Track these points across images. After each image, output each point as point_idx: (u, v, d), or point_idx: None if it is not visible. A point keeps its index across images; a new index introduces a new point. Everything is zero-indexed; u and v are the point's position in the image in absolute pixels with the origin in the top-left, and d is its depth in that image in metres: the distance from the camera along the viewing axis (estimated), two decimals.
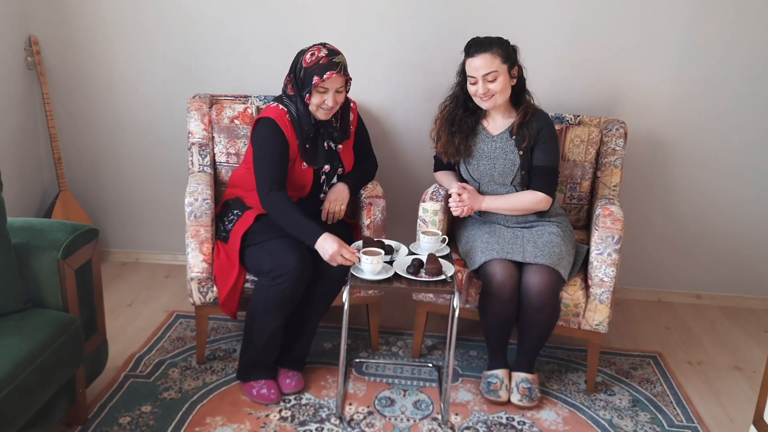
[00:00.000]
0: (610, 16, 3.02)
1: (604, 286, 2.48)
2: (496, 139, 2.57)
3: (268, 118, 2.45)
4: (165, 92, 3.26)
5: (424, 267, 2.28)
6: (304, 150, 2.48)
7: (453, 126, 2.60)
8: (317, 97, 2.40)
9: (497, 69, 2.44)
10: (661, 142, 3.18)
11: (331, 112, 2.47)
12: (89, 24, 3.20)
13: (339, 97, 2.44)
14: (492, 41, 2.47)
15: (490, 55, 2.43)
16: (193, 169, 2.84)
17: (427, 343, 2.87)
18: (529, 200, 2.53)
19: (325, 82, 2.37)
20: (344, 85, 2.44)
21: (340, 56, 2.41)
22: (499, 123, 2.59)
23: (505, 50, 2.45)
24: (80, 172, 3.43)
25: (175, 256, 3.52)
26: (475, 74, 2.46)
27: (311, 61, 2.39)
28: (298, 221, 2.37)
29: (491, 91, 2.46)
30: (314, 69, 2.37)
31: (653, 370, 2.80)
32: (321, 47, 2.41)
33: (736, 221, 3.29)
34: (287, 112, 2.46)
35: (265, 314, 2.37)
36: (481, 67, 2.44)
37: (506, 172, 2.56)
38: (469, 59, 2.48)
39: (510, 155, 2.55)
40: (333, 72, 2.36)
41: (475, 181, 2.63)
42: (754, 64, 3.05)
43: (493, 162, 2.56)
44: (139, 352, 2.70)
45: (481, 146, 2.59)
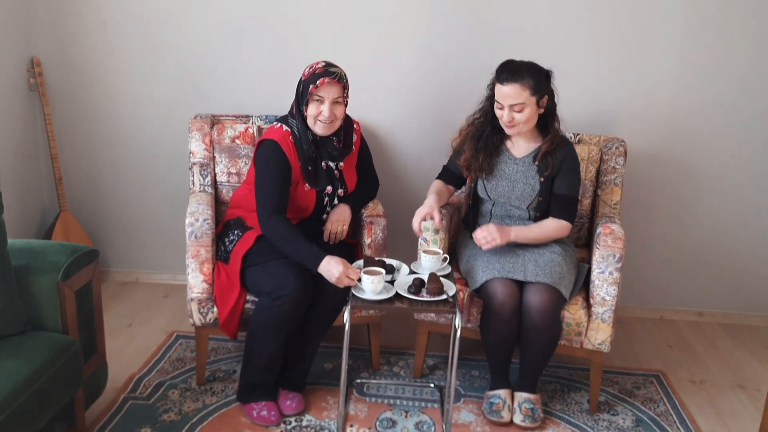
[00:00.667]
0: (609, 35, 3.04)
1: (606, 305, 2.47)
2: (518, 162, 2.54)
3: (271, 141, 2.44)
4: (166, 113, 3.27)
5: (426, 286, 2.27)
6: (306, 172, 2.48)
7: (479, 142, 2.56)
8: (313, 107, 2.40)
9: (525, 101, 2.39)
10: (661, 160, 3.18)
11: (331, 127, 2.45)
12: (91, 45, 3.21)
13: (337, 109, 2.42)
14: (524, 70, 2.39)
15: (520, 86, 2.37)
16: (194, 189, 2.84)
17: (428, 363, 2.85)
18: (553, 228, 2.51)
19: (319, 89, 2.37)
20: (342, 95, 2.43)
21: (338, 68, 2.43)
22: (522, 147, 2.56)
23: (536, 81, 2.38)
24: (81, 192, 3.43)
25: (174, 275, 3.51)
26: (502, 102, 2.42)
27: (308, 73, 2.42)
28: (300, 246, 2.36)
29: (516, 120, 2.42)
30: (310, 79, 2.40)
31: (656, 389, 2.78)
32: (320, 61, 2.44)
33: (736, 238, 3.29)
34: (290, 133, 2.46)
35: (265, 335, 2.36)
36: (509, 96, 2.39)
37: (524, 196, 2.53)
38: (499, 85, 2.42)
39: (530, 180, 2.52)
40: (326, 78, 2.37)
41: (490, 200, 2.61)
42: (752, 82, 3.07)
43: (513, 185, 2.54)
44: (139, 374, 2.68)
45: (503, 167, 2.56)
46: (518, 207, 2.56)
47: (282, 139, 2.44)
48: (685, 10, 2.99)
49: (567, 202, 2.52)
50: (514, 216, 2.57)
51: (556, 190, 2.51)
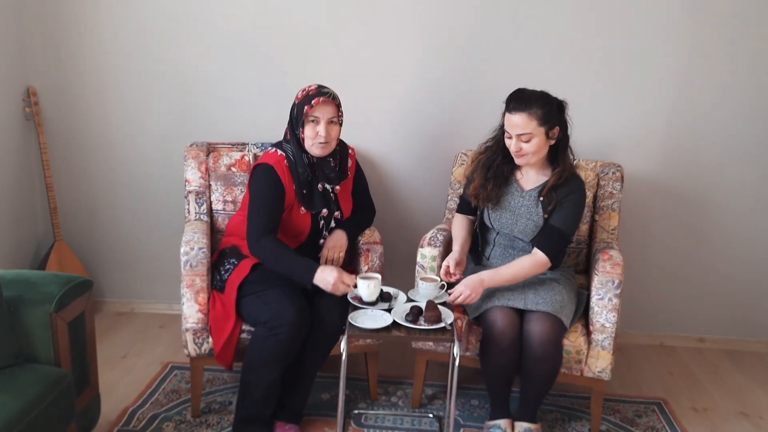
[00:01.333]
0: (604, 60, 3.06)
1: (606, 331, 2.44)
2: (525, 195, 2.50)
3: (266, 164, 2.44)
4: (162, 141, 3.26)
5: (423, 314, 2.25)
6: (301, 195, 2.47)
7: (489, 172, 2.51)
8: (310, 128, 2.41)
9: (532, 131, 2.34)
10: (658, 185, 3.18)
11: (327, 148, 2.45)
12: (87, 75, 3.22)
13: (332, 129, 2.43)
14: (533, 99, 2.34)
15: (527, 115, 2.32)
16: (189, 217, 2.83)
17: (427, 393, 2.81)
18: (530, 265, 2.40)
19: (314, 109, 2.38)
20: (336, 116, 2.44)
21: (330, 89, 2.44)
22: (531, 178, 2.50)
23: (546, 111, 2.33)
24: (76, 221, 3.41)
25: (170, 305, 3.48)
26: (510, 131, 2.38)
27: (302, 96, 2.43)
28: (292, 262, 2.35)
29: (524, 150, 2.37)
30: (303, 101, 2.40)
31: (658, 417, 2.74)
32: (312, 85, 2.46)
33: (737, 263, 3.27)
34: (285, 157, 2.46)
35: (262, 366, 2.32)
36: (516, 126, 2.34)
37: (527, 231, 2.48)
38: (507, 114, 2.38)
39: (534, 216, 2.46)
40: (321, 98, 2.38)
41: (494, 230, 2.58)
42: (748, 107, 3.08)
43: (517, 218, 2.49)
44: (133, 406, 2.63)
45: (509, 199, 2.51)
46: (521, 239, 2.52)
47: (276, 163, 2.44)
48: (681, 35, 3.01)
49: (555, 236, 2.41)
50: (517, 247, 2.53)
51: (550, 221, 2.44)
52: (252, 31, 3.12)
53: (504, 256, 2.55)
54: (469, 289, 2.33)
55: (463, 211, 2.70)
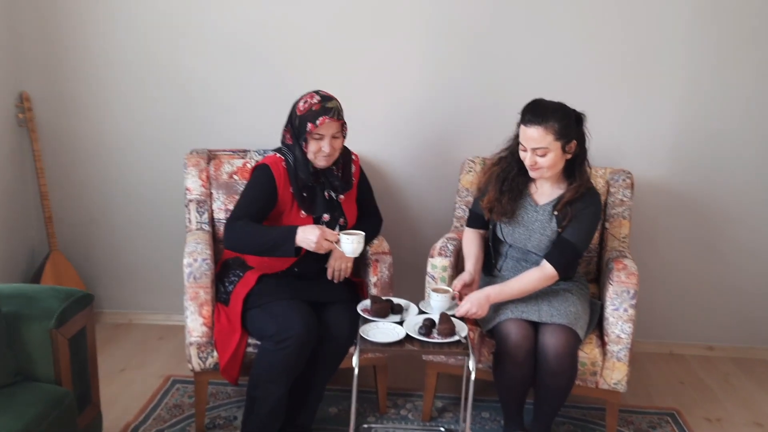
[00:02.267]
0: (612, 66, 3.02)
1: (621, 342, 2.39)
2: (539, 210, 2.41)
3: (263, 164, 2.41)
4: (160, 148, 3.18)
5: (437, 327, 2.18)
6: (301, 198, 2.40)
7: (504, 185, 2.42)
8: (314, 144, 2.35)
9: (548, 146, 2.25)
10: (667, 192, 3.14)
11: (331, 159, 2.40)
12: (82, 80, 3.13)
13: (336, 142, 2.37)
14: (550, 112, 2.25)
15: (543, 129, 2.23)
16: (190, 227, 2.75)
17: (437, 405, 2.74)
18: (537, 279, 2.32)
19: (319, 128, 2.31)
20: (340, 130, 2.38)
21: (334, 101, 2.36)
22: (546, 192, 2.43)
23: (563, 125, 2.24)
24: (71, 231, 3.32)
25: (168, 316, 3.39)
26: (525, 144, 2.29)
27: (304, 108, 2.34)
28: (268, 232, 2.28)
29: (539, 164, 2.29)
30: (307, 116, 2.32)
31: (672, 428, 2.69)
32: (314, 94, 2.37)
33: (745, 270, 3.24)
34: (284, 160, 2.41)
35: (269, 381, 2.24)
36: (532, 139, 2.26)
37: (540, 246, 2.40)
38: (523, 126, 2.29)
39: (547, 231, 2.39)
40: (326, 117, 2.31)
41: (506, 243, 2.51)
42: (756, 111, 3.05)
43: (530, 233, 2.42)
44: (134, 422, 2.55)
45: (523, 213, 2.43)
46: (535, 253, 2.44)
47: (273, 163, 2.40)
48: (690, 41, 2.98)
49: (566, 250, 2.33)
50: (530, 260, 2.45)
51: (563, 234, 2.36)
52: (253, 37, 3.06)
53: (516, 268, 2.48)
54: (475, 306, 2.26)
55: (473, 225, 2.59)
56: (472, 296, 2.29)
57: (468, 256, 2.53)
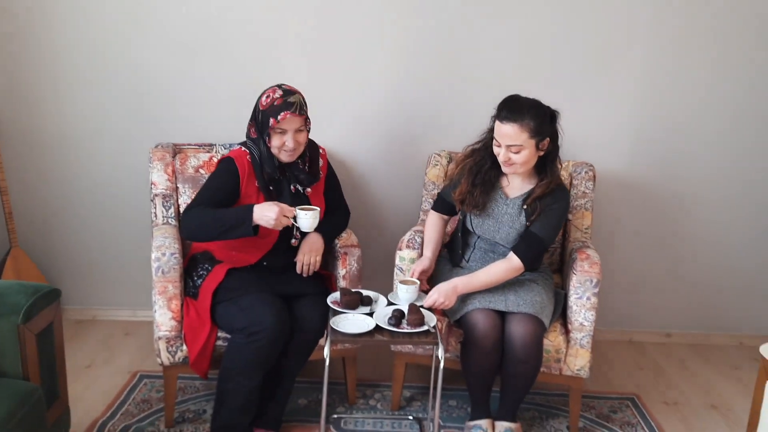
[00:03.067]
0: (573, 60, 3.08)
1: (584, 330, 2.46)
2: (509, 203, 2.46)
3: (227, 157, 2.42)
4: (123, 143, 3.15)
5: (406, 318, 2.22)
6: (267, 192, 2.41)
7: (476, 178, 2.46)
8: (276, 138, 2.35)
9: (523, 143, 2.28)
10: (627, 184, 3.22)
11: (295, 154, 2.40)
12: (41, 75, 3.08)
13: (300, 136, 2.38)
14: (525, 110, 2.28)
15: (519, 127, 2.26)
16: (156, 221, 2.73)
17: (405, 395, 2.79)
18: (504, 270, 2.37)
19: (281, 123, 2.32)
20: (304, 125, 2.39)
21: (296, 95, 2.37)
22: (516, 186, 2.47)
23: (538, 123, 2.27)
24: (32, 227, 3.26)
25: (134, 311, 3.36)
26: (499, 140, 2.32)
27: (267, 103, 2.35)
28: (225, 213, 2.27)
29: (512, 160, 2.32)
30: (270, 111, 2.33)
31: (632, 412, 2.78)
32: (276, 88, 2.38)
33: (701, 259, 3.35)
34: (249, 154, 2.41)
35: (239, 375, 2.25)
36: (506, 136, 2.28)
37: (509, 238, 2.45)
38: (498, 122, 2.31)
39: (516, 224, 2.44)
40: (287, 112, 2.31)
41: (475, 235, 2.56)
42: (719, 105, 3.15)
43: (499, 226, 2.47)
44: (102, 418, 2.53)
45: (493, 206, 2.48)
46: (503, 245, 2.49)
47: (238, 157, 2.40)
48: (649, 35, 3.05)
49: (532, 243, 2.38)
50: (498, 252, 2.51)
51: (530, 227, 2.40)
52: (217, 30, 3.04)
53: (484, 260, 2.53)
54: (442, 296, 2.30)
55: (439, 210, 2.65)
56: (440, 287, 2.33)
57: (428, 241, 2.58)
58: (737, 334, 3.46)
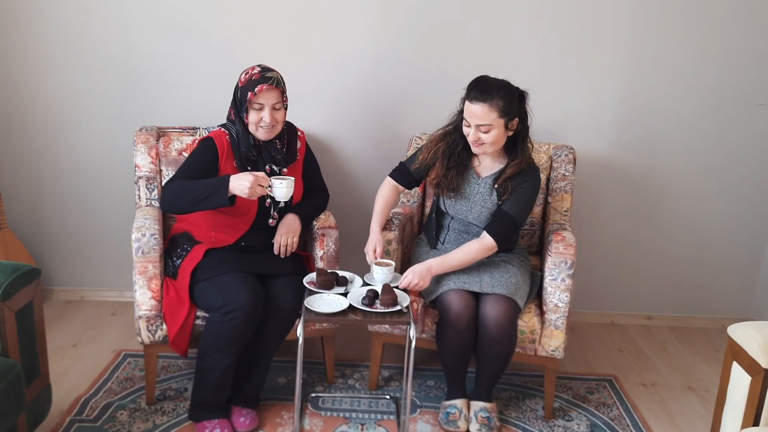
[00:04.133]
0: (554, 41, 3.09)
1: (559, 311, 2.49)
2: (480, 182, 2.49)
3: (207, 137, 2.46)
4: (109, 126, 3.18)
5: (379, 298, 2.26)
6: (244, 170, 2.44)
7: (450, 160, 2.48)
8: (254, 114, 2.39)
9: (492, 123, 2.31)
10: (607, 166, 3.24)
11: (273, 132, 2.43)
12: (28, 57, 3.10)
13: (277, 114, 2.41)
14: (494, 90, 2.31)
15: (488, 107, 2.29)
16: (140, 203, 2.77)
17: (383, 375, 2.83)
18: (477, 249, 2.40)
19: (258, 97, 2.35)
20: (281, 100, 2.41)
21: (274, 72, 2.40)
22: (487, 165, 2.50)
23: (507, 103, 2.30)
24: (20, 208, 3.31)
25: (121, 292, 3.41)
26: (469, 120, 2.35)
27: (245, 79, 2.39)
28: (201, 183, 2.28)
29: (482, 140, 2.35)
30: (247, 85, 2.37)
31: (609, 393, 2.82)
32: (255, 66, 2.42)
33: (684, 242, 3.37)
34: (227, 134, 2.46)
35: (216, 351, 2.30)
36: (476, 116, 2.32)
37: (481, 217, 2.49)
38: (468, 102, 2.34)
39: (488, 203, 2.47)
40: (264, 85, 2.34)
41: (449, 215, 2.59)
42: (697, 85, 3.15)
43: (471, 205, 2.50)
44: (86, 395, 2.59)
45: (465, 186, 2.51)
46: (476, 225, 2.53)
47: (217, 136, 2.44)
48: (632, 17, 3.06)
49: (504, 221, 2.42)
50: (472, 232, 2.54)
51: (502, 206, 2.44)
52: (199, 13, 3.05)
53: (458, 241, 2.57)
54: (417, 277, 2.34)
55: (396, 178, 2.65)
56: (415, 268, 2.37)
57: (378, 213, 2.59)
58: (719, 316, 3.49)
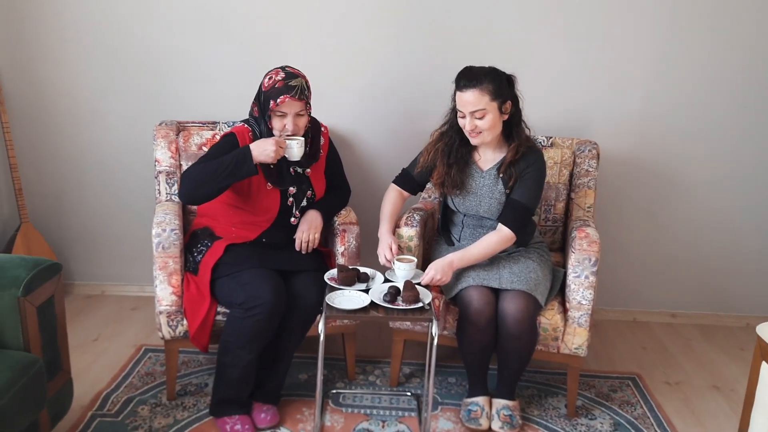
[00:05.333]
0: (579, 37, 3.04)
1: (582, 309, 2.45)
2: (485, 175, 2.48)
3: (230, 132, 2.44)
4: (130, 120, 3.18)
5: (401, 294, 2.23)
6: (268, 171, 2.42)
7: (449, 158, 2.48)
8: (277, 121, 2.37)
9: (485, 107, 2.32)
10: (633, 162, 3.19)
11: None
12: (51, 52, 3.11)
13: (300, 120, 2.39)
14: (483, 75, 2.32)
15: (479, 91, 2.30)
16: (160, 198, 2.77)
17: (404, 372, 2.81)
18: (496, 241, 2.38)
19: (280, 107, 2.33)
20: (304, 109, 2.39)
21: (298, 79, 2.37)
22: (489, 157, 2.49)
23: (496, 86, 2.31)
24: (42, 203, 3.32)
25: (142, 287, 3.42)
26: (463, 109, 2.35)
27: (269, 85, 2.36)
28: (221, 160, 2.28)
29: (479, 128, 2.35)
30: (270, 93, 2.34)
31: (632, 391, 2.77)
32: (279, 70, 2.39)
33: (709, 239, 3.31)
34: (250, 131, 2.43)
35: (238, 348, 2.29)
36: (469, 103, 2.32)
37: (492, 209, 2.48)
38: (458, 92, 2.35)
39: (496, 194, 2.46)
40: (287, 96, 2.32)
41: (460, 213, 2.57)
42: (722, 82, 3.09)
43: (480, 199, 2.48)
44: (107, 390, 2.59)
45: (470, 181, 2.50)
46: (489, 218, 2.51)
47: (240, 133, 2.43)
48: (658, 12, 3.00)
49: (517, 210, 2.40)
50: (486, 226, 2.52)
51: (511, 195, 2.43)
52: (222, 8, 3.04)
53: (474, 236, 2.54)
54: (439, 272, 2.32)
55: (400, 184, 2.65)
56: (436, 263, 2.34)
57: (386, 216, 2.58)
58: (744, 315, 3.43)
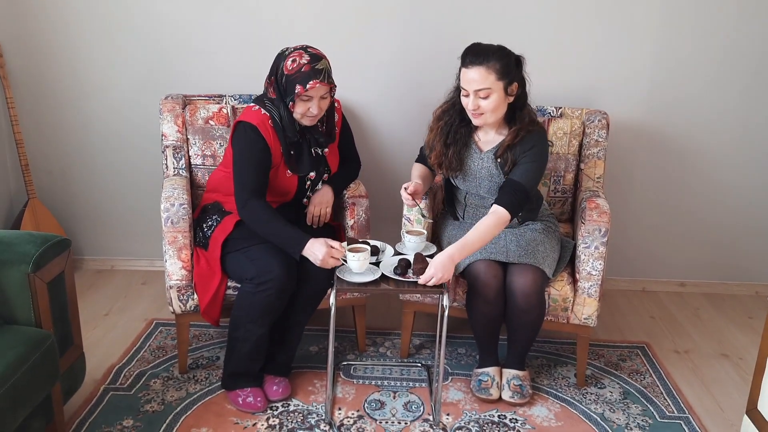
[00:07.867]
0: (588, 6, 2.99)
1: (592, 279, 2.45)
2: (483, 157, 2.42)
3: (249, 124, 2.35)
4: (136, 95, 3.15)
5: (412, 267, 2.23)
6: (288, 157, 2.40)
7: (448, 137, 2.41)
8: (301, 105, 2.32)
9: (491, 86, 2.23)
10: (641, 131, 3.16)
11: (317, 119, 2.39)
12: (55, 26, 3.08)
13: (323, 103, 2.35)
14: (490, 52, 2.23)
15: (485, 69, 2.22)
16: (168, 172, 2.75)
17: (414, 343, 2.82)
18: (494, 224, 2.26)
19: (308, 91, 2.28)
20: (329, 92, 2.36)
21: (323, 61, 2.31)
22: (490, 138, 2.42)
23: (504, 65, 2.23)
24: (49, 178, 3.31)
25: (152, 261, 3.43)
26: (467, 87, 2.27)
27: (293, 68, 2.29)
28: (281, 230, 2.28)
29: (482, 108, 2.27)
30: (296, 77, 2.27)
31: (641, 360, 2.78)
32: (302, 52, 2.31)
33: (717, 208, 3.30)
34: (270, 118, 2.37)
35: (249, 322, 2.30)
36: (474, 81, 2.24)
37: (492, 190, 2.43)
38: (464, 69, 2.27)
39: (495, 177, 2.41)
40: (317, 81, 2.27)
41: (462, 192, 2.55)
42: (730, 51, 3.05)
43: (479, 181, 2.45)
44: (119, 364, 2.61)
45: (469, 162, 2.45)
46: (489, 198, 2.45)
47: (261, 123, 2.35)
48: None
49: (513, 189, 2.30)
50: (488, 205, 2.42)
51: (510, 175, 2.34)
52: None
53: (477, 215, 2.51)
54: (440, 271, 2.18)
55: (421, 161, 2.65)
56: (436, 260, 2.21)
57: (415, 177, 2.57)
58: (753, 283, 3.43)
